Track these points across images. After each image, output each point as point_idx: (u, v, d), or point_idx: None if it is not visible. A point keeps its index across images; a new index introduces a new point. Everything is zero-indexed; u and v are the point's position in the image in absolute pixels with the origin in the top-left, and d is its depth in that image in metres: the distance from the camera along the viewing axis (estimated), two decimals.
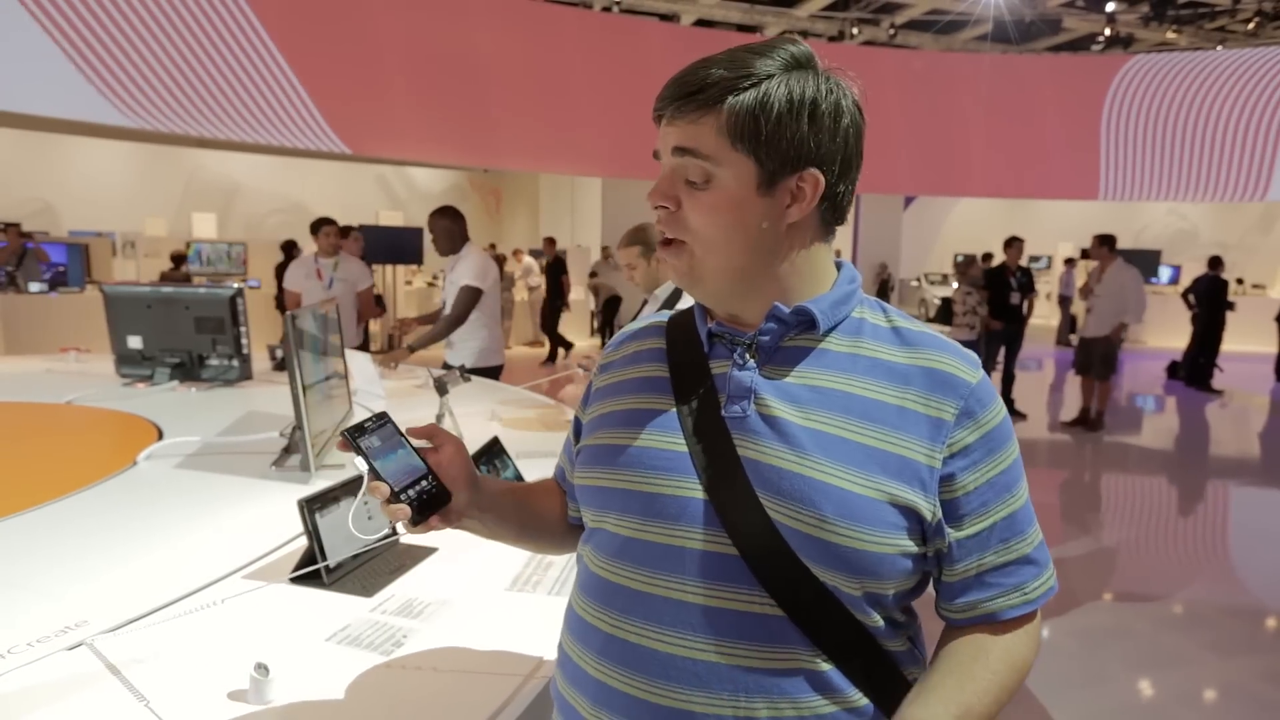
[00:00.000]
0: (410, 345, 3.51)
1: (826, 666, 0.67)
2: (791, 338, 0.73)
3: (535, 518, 0.89)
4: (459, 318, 3.44)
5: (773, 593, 0.67)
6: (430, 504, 0.76)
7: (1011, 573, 0.71)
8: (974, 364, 0.72)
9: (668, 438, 0.73)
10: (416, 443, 0.80)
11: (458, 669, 0.99)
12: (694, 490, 0.70)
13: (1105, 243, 6.10)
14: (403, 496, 0.75)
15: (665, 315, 0.86)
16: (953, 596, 0.72)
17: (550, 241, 10.12)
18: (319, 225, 4.12)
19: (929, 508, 0.68)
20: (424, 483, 0.77)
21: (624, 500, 0.73)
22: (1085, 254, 9.13)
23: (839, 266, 0.77)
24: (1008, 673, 0.70)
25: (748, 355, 0.73)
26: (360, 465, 0.75)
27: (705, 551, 0.68)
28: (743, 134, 0.67)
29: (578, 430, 0.88)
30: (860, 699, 0.68)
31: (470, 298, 3.45)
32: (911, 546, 0.68)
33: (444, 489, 0.78)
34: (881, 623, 0.69)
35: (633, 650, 0.69)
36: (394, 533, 1.36)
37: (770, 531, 0.67)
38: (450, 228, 3.50)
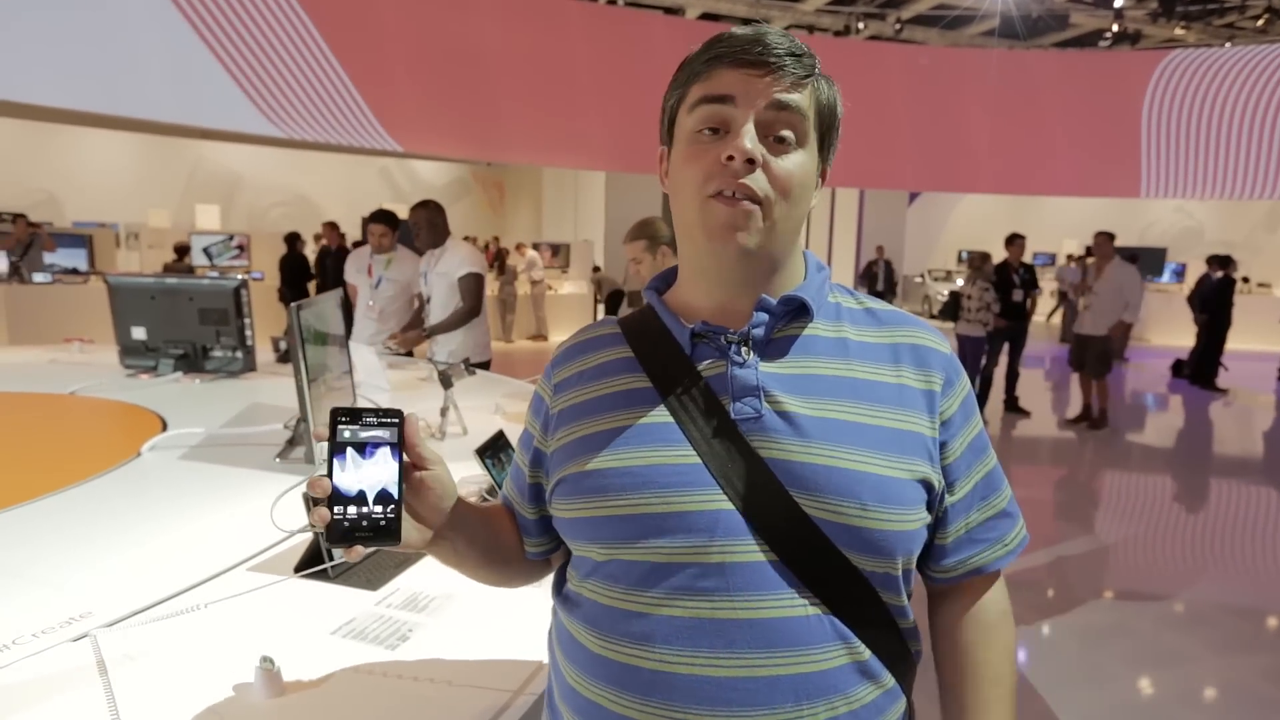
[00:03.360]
0: (426, 330, 3.49)
1: (868, 655, 0.68)
2: (781, 328, 0.73)
3: (499, 545, 0.81)
4: (474, 307, 3.41)
5: (818, 591, 0.66)
6: (367, 534, 0.64)
7: (993, 527, 0.76)
8: (942, 337, 0.76)
9: (675, 450, 0.68)
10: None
11: (463, 664, 0.99)
12: (720, 501, 0.66)
13: (1108, 240, 6.12)
14: (336, 510, 0.63)
15: (611, 322, 0.81)
16: (943, 557, 0.75)
17: (331, 226, 8.43)
18: (369, 220, 3.79)
19: (937, 477, 0.71)
20: (379, 509, 0.65)
21: (642, 525, 0.67)
22: (1089, 251, 9.06)
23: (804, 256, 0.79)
24: (1010, 673, 0.76)
25: (744, 351, 0.71)
26: (322, 452, 0.66)
27: (747, 563, 0.65)
28: (822, 112, 0.72)
29: (536, 460, 0.79)
30: (890, 680, 0.69)
31: (477, 285, 3.41)
32: (928, 517, 0.71)
33: (394, 529, 0.65)
34: (905, 600, 0.71)
35: (684, 682, 0.65)
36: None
37: (810, 529, 0.66)
38: (433, 220, 3.44)
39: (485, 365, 3.50)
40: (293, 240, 8.78)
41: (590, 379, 0.76)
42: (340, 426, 0.66)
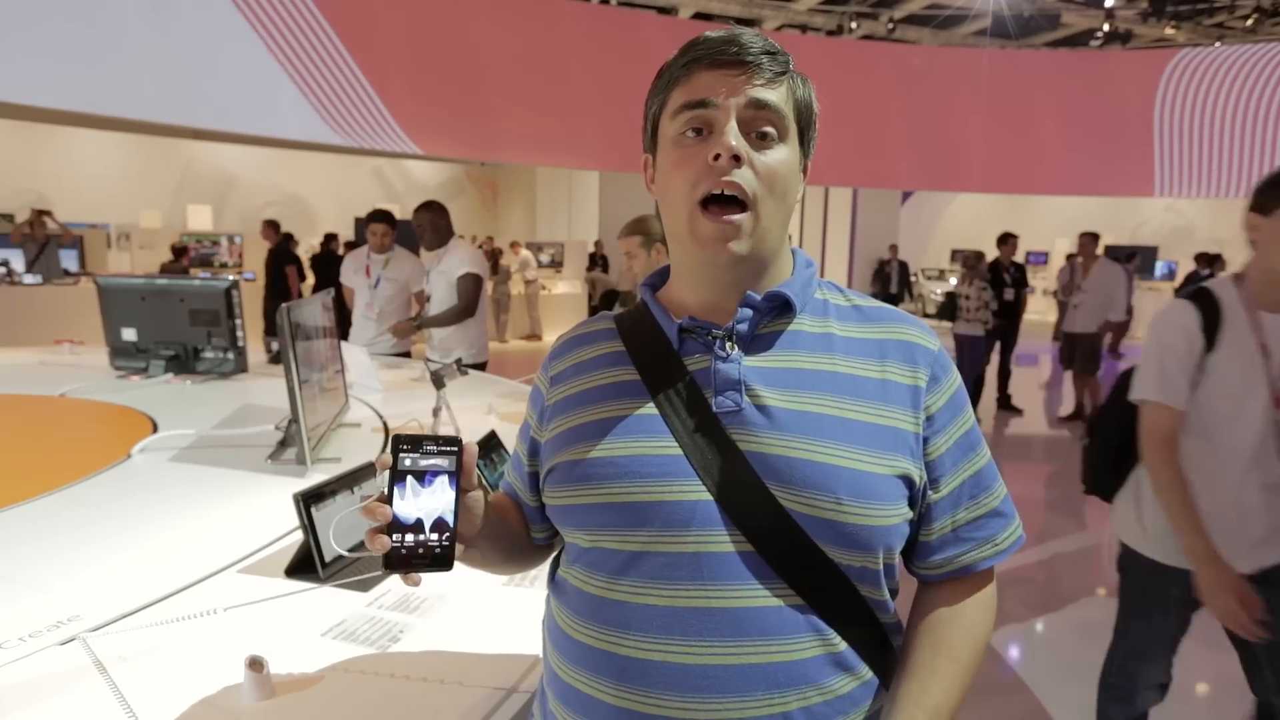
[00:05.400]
0: (419, 320, 3.54)
1: (843, 646, 0.68)
2: (766, 323, 0.74)
3: (512, 537, 0.84)
4: (469, 307, 3.43)
5: (792, 582, 0.66)
6: (423, 561, 0.66)
7: (982, 526, 0.75)
8: (932, 334, 0.77)
9: (658, 441, 0.70)
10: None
11: (453, 665, 0.99)
12: (698, 492, 0.68)
13: (1093, 240, 6.20)
14: (395, 537, 0.65)
15: (607, 317, 0.83)
16: (929, 554, 0.75)
17: (272, 225, 8.20)
18: (368, 220, 3.79)
19: (919, 473, 0.72)
20: (435, 536, 0.66)
21: (622, 514, 0.69)
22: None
23: (792, 253, 0.80)
24: (970, 655, 0.73)
25: (729, 346, 0.72)
26: (383, 479, 0.67)
27: (721, 553, 0.66)
28: (800, 108, 0.73)
29: (533, 450, 0.82)
30: (867, 672, 0.70)
31: (475, 285, 3.44)
32: (909, 513, 0.71)
33: (448, 557, 0.66)
34: (886, 595, 0.72)
35: (657, 669, 0.66)
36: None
37: (786, 522, 0.66)
38: (436, 221, 3.49)
39: (482, 366, 3.51)
40: (284, 240, 8.74)
41: (583, 371, 0.79)
42: (402, 454, 0.66)
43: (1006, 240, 6.65)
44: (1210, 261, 8.80)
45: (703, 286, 0.75)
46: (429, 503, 0.66)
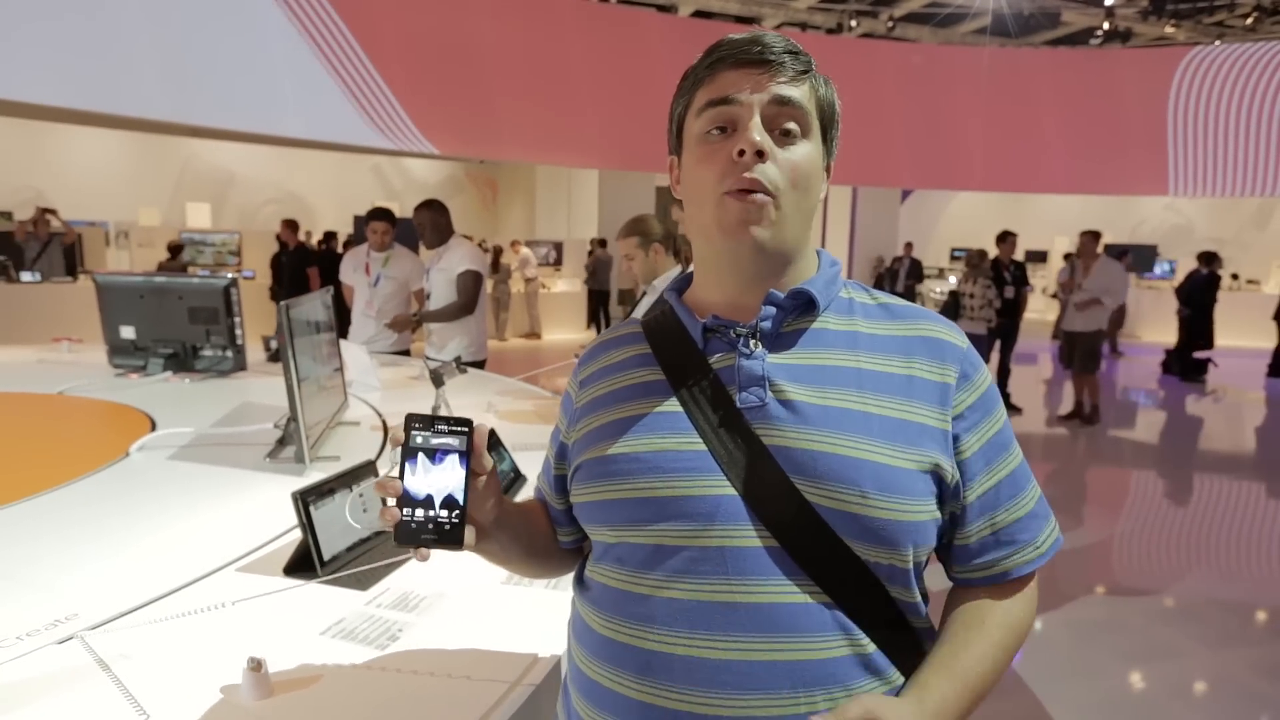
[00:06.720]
0: (417, 315, 3.55)
1: (872, 649, 0.67)
2: (790, 321, 0.74)
3: (537, 538, 0.85)
4: (468, 304, 3.44)
5: (819, 579, 0.66)
6: (432, 536, 0.68)
7: (1024, 528, 0.73)
8: (960, 332, 0.76)
9: (682, 438, 0.70)
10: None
11: (453, 664, 0.99)
12: (723, 487, 0.68)
13: (1094, 238, 6.22)
14: (405, 511, 0.67)
15: (635, 323, 0.84)
16: (969, 558, 0.73)
17: (291, 225, 7.98)
18: (368, 218, 3.80)
19: (950, 470, 0.70)
20: (444, 513, 0.68)
21: (647, 508, 0.69)
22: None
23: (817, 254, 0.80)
24: (1005, 636, 0.71)
25: (753, 343, 0.72)
26: (397, 455, 0.69)
27: (746, 547, 0.66)
28: (822, 107, 0.74)
29: (561, 453, 0.84)
30: (898, 677, 0.69)
31: (475, 282, 3.45)
32: (938, 511, 0.70)
33: (458, 534, 0.68)
34: (918, 598, 0.70)
35: (681, 663, 0.66)
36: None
37: (810, 516, 0.66)
38: (437, 220, 3.50)
39: (481, 364, 3.51)
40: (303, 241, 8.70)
41: (610, 373, 0.80)
42: (414, 432, 0.69)
43: (1005, 239, 6.67)
44: (1209, 260, 8.81)
45: (726, 281, 0.75)
46: (440, 480, 0.68)
